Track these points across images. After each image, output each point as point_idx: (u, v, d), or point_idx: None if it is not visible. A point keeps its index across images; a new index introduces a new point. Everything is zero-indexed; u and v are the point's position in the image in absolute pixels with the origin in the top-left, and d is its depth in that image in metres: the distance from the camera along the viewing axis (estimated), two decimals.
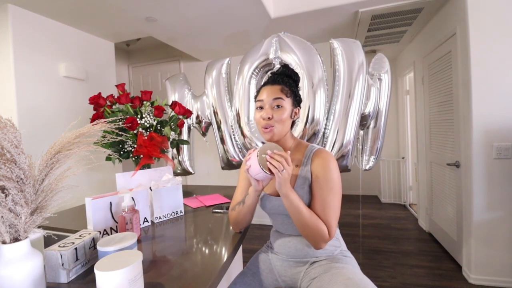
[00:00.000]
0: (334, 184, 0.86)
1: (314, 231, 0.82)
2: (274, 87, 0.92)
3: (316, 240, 0.83)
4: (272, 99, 0.90)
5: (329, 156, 0.89)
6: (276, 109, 0.90)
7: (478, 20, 1.83)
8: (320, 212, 0.85)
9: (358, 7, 2.18)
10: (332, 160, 0.89)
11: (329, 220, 0.84)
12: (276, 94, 0.91)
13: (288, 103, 0.92)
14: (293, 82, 0.97)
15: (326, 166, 0.87)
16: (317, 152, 0.91)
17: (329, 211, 0.84)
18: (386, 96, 1.69)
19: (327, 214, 0.84)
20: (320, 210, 0.85)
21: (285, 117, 0.90)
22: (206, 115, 1.93)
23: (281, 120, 0.90)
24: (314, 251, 0.92)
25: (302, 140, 0.99)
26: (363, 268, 2.17)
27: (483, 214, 1.87)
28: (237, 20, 2.34)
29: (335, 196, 0.86)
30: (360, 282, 0.78)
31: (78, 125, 0.76)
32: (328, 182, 0.86)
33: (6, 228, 0.57)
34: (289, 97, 0.93)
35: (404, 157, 3.82)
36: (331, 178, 0.86)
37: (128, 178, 1.19)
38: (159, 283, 0.67)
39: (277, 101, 0.90)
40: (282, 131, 0.92)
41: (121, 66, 3.60)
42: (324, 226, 0.83)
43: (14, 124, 0.61)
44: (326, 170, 0.87)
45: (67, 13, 2.05)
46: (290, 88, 0.94)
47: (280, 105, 0.90)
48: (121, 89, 1.52)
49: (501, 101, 1.81)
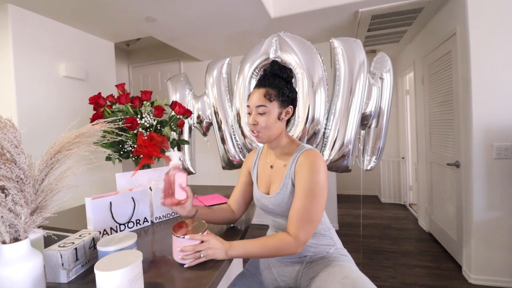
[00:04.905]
0: (314, 187, 0.82)
1: (280, 251, 0.81)
2: (259, 91, 0.90)
3: (288, 253, 0.81)
4: (256, 106, 0.90)
5: (315, 157, 0.86)
6: (260, 116, 0.89)
7: (478, 20, 1.83)
8: (292, 217, 0.83)
9: (358, 7, 2.18)
10: (317, 162, 0.85)
11: (297, 229, 0.81)
12: (259, 101, 0.89)
13: (273, 107, 0.89)
14: (282, 80, 0.92)
15: (308, 167, 0.84)
16: (304, 153, 0.88)
17: (300, 219, 0.81)
18: (388, 95, 1.68)
19: (297, 221, 0.81)
20: (292, 215, 0.83)
21: (270, 123, 0.89)
22: (207, 115, 1.93)
23: (266, 126, 0.89)
24: (306, 248, 0.92)
25: (297, 140, 0.98)
26: (363, 268, 2.17)
27: (483, 214, 1.87)
28: (237, 20, 2.34)
29: (313, 200, 0.82)
30: (357, 280, 0.78)
31: (78, 125, 0.75)
32: (308, 185, 0.82)
33: (6, 228, 0.57)
34: (274, 100, 0.89)
35: (404, 157, 3.82)
36: (311, 180, 0.83)
37: (128, 178, 1.19)
38: (159, 283, 0.67)
39: (260, 108, 0.89)
40: (270, 135, 0.91)
41: (121, 66, 3.60)
42: (285, 238, 0.81)
43: (14, 124, 0.61)
44: (308, 171, 0.84)
45: (67, 13, 2.04)
46: (277, 89, 0.90)
47: (264, 112, 0.89)
48: (121, 89, 1.52)
49: (501, 101, 1.81)
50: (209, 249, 0.75)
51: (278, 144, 0.96)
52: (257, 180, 1.02)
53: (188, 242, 0.75)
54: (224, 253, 0.77)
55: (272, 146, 0.97)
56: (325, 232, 0.95)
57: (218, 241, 0.78)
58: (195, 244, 0.75)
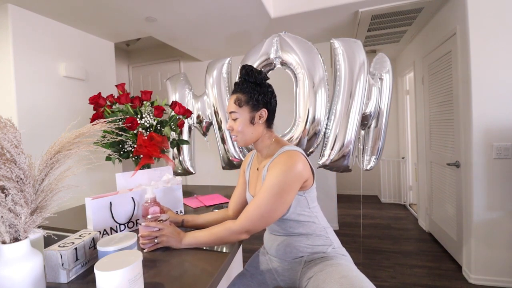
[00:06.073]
0: (277, 185, 0.81)
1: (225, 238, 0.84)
2: (232, 97, 0.95)
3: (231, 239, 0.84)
4: (228, 113, 0.95)
5: (290, 157, 0.85)
6: (234, 121, 0.94)
7: (478, 20, 1.83)
8: (247, 207, 0.85)
9: (358, 7, 2.18)
10: (290, 162, 0.83)
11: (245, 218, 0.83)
12: (230, 108, 0.95)
13: (244, 112, 0.92)
14: (252, 84, 0.93)
15: (280, 166, 0.84)
16: (282, 153, 0.88)
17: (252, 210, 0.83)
18: (387, 96, 1.69)
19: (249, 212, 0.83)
20: (248, 205, 0.86)
21: (242, 128, 0.93)
22: (206, 115, 1.93)
23: (240, 131, 0.93)
24: (302, 249, 0.92)
25: (284, 142, 0.97)
26: (363, 268, 2.18)
27: (483, 214, 1.87)
28: (237, 20, 2.34)
29: (274, 198, 0.81)
30: (355, 279, 0.78)
31: (78, 125, 0.76)
32: (272, 182, 0.82)
33: (6, 228, 0.57)
34: (243, 105, 0.92)
35: (404, 157, 3.82)
36: (278, 177, 0.82)
37: (128, 178, 1.19)
38: (159, 283, 0.67)
39: (232, 114, 0.94)
40: (247, 139, 0.94)
41: (121, 66, 3.60)
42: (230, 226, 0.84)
43: (14, 124, 0.61)
44: (278, 169, 0.84)
45: (67, 13, 2.04)
46: (247, 94, 0.92)
47: (235, 118, 0.94)
48: (121, 89, 1.52)
49: (501, 101, 1.81)
50: (163, 236, 0.84)
51: (262, 147, 0.98)
52: (248, 182, 1.04)
53: (146, 229, 0.85)
54: (178, 241, 0.85)
55: (258, 149, 1.00)
56: (320, 232, 0.95)
57: (173, 230, 0.86)
58: (151, 231, 0.84)
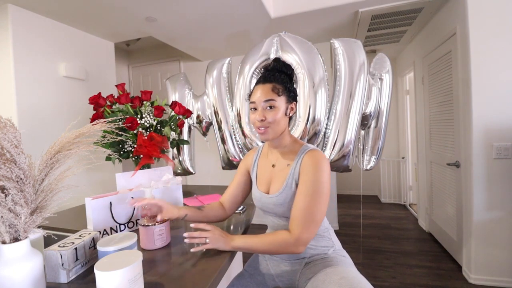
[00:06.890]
0: (318, 187, 0.82)
1: (280, 249, 0.82)
2: (265, 86, 0.89)
3: (288, 251, 0.82)
4: (264, 101, 0.87)
5: (319, 157, 0.85)
6: (269, 110, 0.87)
7: (478, 20, 1.83)
8: (294, 216, 0.82)
9: (358, 7, 2.18)
10: (322, 162, 0.84)
11: (299, 228, 0.80)
12: (267, 95, 0.87)
13: (281, 101, 0.88)
14: (286, 77, 0.92)
15: (314, 168, 0.83)
16: (308, 152, 0.88)
17: (303, 218, 0.80)
18: (387, 96, 1.69)
19: (300, 221, 0.80)
20: (295, 215, 0.82)
21: (279, 117, 0.87)
22: (206, 115, 1.93)
23: (275, 121, 0.87)
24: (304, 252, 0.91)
25: (299, 140, 0.97)
26: (363, 268, 2.18)
27: (483, 214, 1.87)
28: (237, 20, 2.34)
29: (317, 200, 0.81)
30: (354, 281, 0.78)
31: (78, 125, 0.76)
32: (312, 185, 0.82)
33: (6, 228, 0.57)
34: (282, 94, 0.88)
35: (404, 157, 3.82)
36: (315, 180, 0.82)
37: (128, 178, 1.19)
38: (159, 283, 0.67)
39: (269, 102, 0.87)
40: (278, 131, 0.89)
41: (121, 66, 3.60)
42: (286, 237, 0.81)
43: (14, 124, 0.61)
44: (313, 171, 0.83)
45: (67, 13, 2.04)
46: (283, 84, 0.90)
47: (273, 106, 0.87)
48: (121, 89, 1.52)
49: (501, 101, 1.81)
50: (212, 237, 0.81)
51: (280, 143, 0.94)
52: (257, 179, 1.01)
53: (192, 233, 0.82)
54: (226, 243, 0.82)
55: (274, 145, 0.96)
56: (324, 233, 0.95)
57: (222, 232, 0.84)
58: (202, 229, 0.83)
